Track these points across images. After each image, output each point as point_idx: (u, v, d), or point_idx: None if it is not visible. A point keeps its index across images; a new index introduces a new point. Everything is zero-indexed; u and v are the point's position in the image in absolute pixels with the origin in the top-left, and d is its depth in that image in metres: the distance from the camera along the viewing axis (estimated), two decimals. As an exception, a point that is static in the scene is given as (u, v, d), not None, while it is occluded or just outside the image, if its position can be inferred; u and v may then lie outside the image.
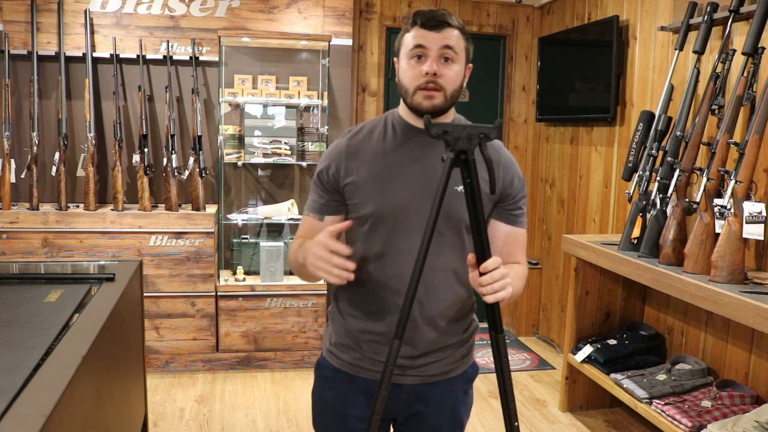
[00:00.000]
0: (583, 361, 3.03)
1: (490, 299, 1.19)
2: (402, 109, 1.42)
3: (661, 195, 2.68)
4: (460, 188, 1.33)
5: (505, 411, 1.27)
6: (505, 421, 1.27)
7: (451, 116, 1.42)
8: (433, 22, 1.31)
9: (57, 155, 3.53)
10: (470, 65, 1.38)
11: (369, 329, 1.43)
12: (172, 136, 3.64)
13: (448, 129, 1.13)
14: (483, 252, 1.19)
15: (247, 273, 3.75)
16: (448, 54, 1.31)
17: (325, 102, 3.82)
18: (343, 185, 1.41)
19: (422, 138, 1.37)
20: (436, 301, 1.40)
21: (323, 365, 1.52)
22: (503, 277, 1.19)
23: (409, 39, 1.33)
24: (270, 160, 3.76)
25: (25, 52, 3.56)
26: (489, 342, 1.27)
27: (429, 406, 1.47)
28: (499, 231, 1.43)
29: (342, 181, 1.41)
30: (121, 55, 3.65)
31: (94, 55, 3.62)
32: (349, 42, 3.90)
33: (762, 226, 2.20)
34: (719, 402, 2.47)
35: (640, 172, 2.83)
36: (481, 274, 1.19)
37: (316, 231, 1.40)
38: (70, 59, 3.61)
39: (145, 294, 2.82)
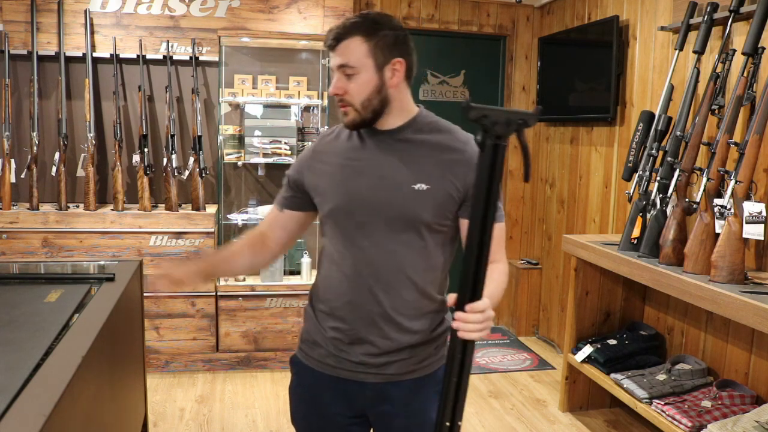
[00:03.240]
0: (583, 361, 3.03)
1: (462, 335, 1.13)
2: None
3: (661, 195, 2.68)
4: (417, 186, 1.35)
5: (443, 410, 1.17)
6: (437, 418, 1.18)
7: (413, 112, 1.42)
8: (330, 42, 1.36)
9: (57, 155, 3.53)
10: (398, 60, 1.36)
11: (334, 326, 1.47)
12: (172, 136, 3.64)
13: (487, 113, 1.06)
14: (476, 283, 1.12)
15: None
16: (346, 72, 1.36)
17: (325, 102, 3.82)
18: (308, 185, 1.48)
19: (379, 139, 1.42)
20: (396, 299, 1.41)
21: (295, 362, 1.60)
22: (481, 321, 1.12)
23: None
24: (270, 160, 3.76)
25: (25, 52, 3.55)
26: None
27: (395, 406, 1.47)
28: None
29: (306, 182, 1.48)
30: (121, 55, 3.65)
31: (94, 55, 3.62)
32: (349, 42, 3.90)
33: (762, 226, 2.20)
34: (719, 402, 2.47)
35: (640, 172, 2.83)
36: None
37: (274, 220, 1.56)
38: (70, 59, 3.61)
39: (145, 294, 2.82)
